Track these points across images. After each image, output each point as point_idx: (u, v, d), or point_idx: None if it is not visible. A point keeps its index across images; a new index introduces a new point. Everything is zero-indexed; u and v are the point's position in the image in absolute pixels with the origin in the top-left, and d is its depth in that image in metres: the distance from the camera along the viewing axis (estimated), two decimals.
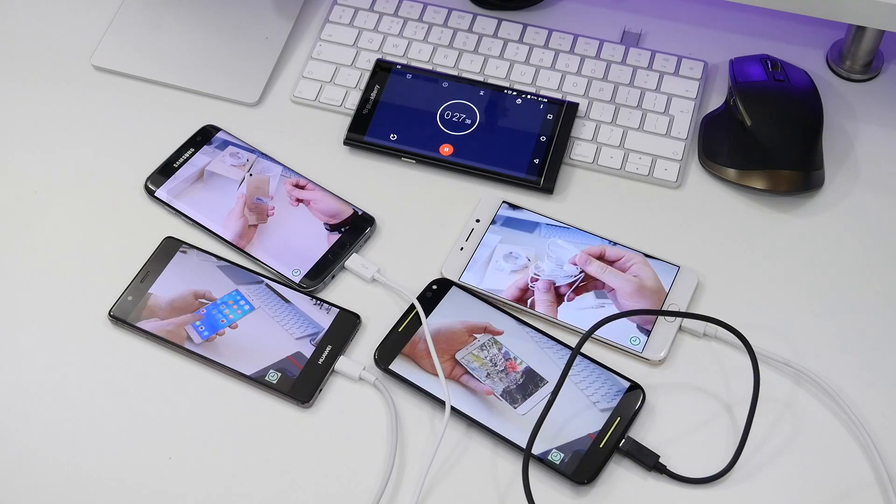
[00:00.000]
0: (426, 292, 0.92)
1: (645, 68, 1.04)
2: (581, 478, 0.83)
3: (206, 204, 0.97)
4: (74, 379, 0.89)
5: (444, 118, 1.01)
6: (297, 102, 1.04)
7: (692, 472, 0.84)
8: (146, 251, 0.94)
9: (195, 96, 1.04)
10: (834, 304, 0.92)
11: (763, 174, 0.96)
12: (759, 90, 0.99)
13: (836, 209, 0.97)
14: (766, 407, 0.87)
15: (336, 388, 0.88)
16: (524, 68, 1.05)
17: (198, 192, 0.97)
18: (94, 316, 0.91)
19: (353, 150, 1.01)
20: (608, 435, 0.84)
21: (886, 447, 0.85)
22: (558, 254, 0.93)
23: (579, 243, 0.94)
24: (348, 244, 0.95)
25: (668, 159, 0.99)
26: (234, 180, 0.98)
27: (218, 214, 0.96)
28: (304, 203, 0.96)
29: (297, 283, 0.92)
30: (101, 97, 1.04)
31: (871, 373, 0.89)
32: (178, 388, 0.88)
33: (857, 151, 1.01)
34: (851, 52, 1.04)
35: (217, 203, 0.97)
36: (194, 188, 0.97)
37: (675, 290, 0.92)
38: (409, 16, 1.08)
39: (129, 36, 1.07)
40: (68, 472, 0.84)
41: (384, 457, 0.85)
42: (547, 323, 0.91)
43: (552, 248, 0.93)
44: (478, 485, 0.84)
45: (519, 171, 0.98)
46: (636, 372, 0.88)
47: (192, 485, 0.84)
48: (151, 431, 0.86)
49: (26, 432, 0.86)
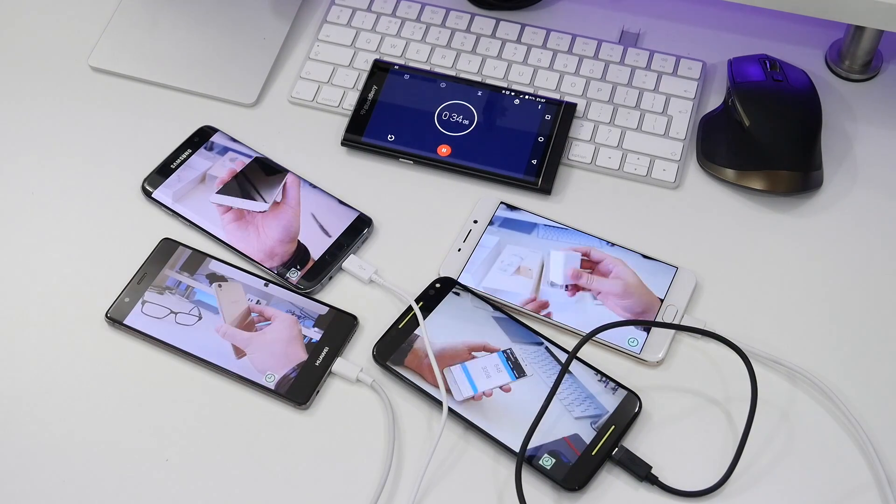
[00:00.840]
0: (429, 290, 0.91)
1: (643, 68, 1.04)
2: (571, 484, 0.83)
3: (203, 205, 0.96)
4: (71, 380, 0.88)
5: (442, 119, 1.01)
6: (294, 103, 1.04)
7: (686, 482, 0.83)
8: (143, 252, 0.94)
9: (192, 97, 1.04)
10: (833, 305, 0.92)
11: (762, 174, 0.96)
12: (757, 90, 0.99)
13: (835, 209, 0.97)
14: (764, 411, 0.86)
15: (333, 389, 0.88)
16: (522, 68, 1.04)
17: (195, 193, 0.97)
18: (90, 317, 0.91)
19: (350, 151, 1.01)
20: (601, 443, 0.84)
21: (885, 449, 0.85)
22: (553, 267, 0.93)
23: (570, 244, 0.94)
24: (346, 245, 0.94)
25: (666, 160, 0.99)
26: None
27: (215, 215, 0.96)
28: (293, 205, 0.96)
29: (293, 283, 0.92)
30: (98, 98, 1.04)
31: (870, 374, 0.88)
32: (174, 389, 0.88)
33: (855, 151, 1.00)
34: (850, 51, 1.04)
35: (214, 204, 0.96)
36: (191, 189, 0.97)
37: (673, 290, 0.92)
38: (406, 16, 1.08)
39: (126, 37, 1.07)
40: (65, 474, 0.84)
41: (381, 459, 0.85)
42: (546, 325, 0.91)
43: (547, 259, 0.93)
44: (474, 487, 0.84)
45: (517, 171, 0.98)
46: (634, 374, 0.88)
47: (190, 487, 0.84)
48: (148, 433, 0.86)
49: (23, 433, 0.86)
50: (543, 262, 0.93)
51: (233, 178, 0.97)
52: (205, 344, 0.89)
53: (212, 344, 0.89)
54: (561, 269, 0.92)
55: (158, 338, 0.89)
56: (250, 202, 0.96)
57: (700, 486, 0.83)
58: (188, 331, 0.89)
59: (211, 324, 0.90)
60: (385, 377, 0.88)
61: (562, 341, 0.89)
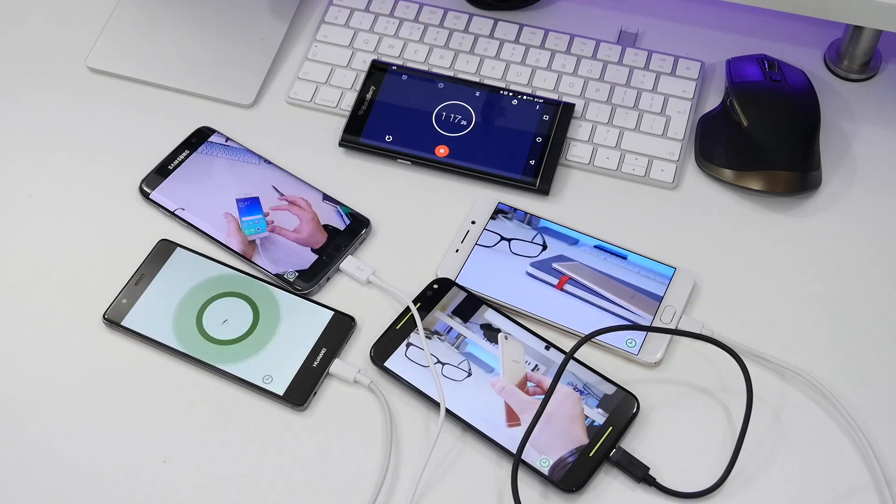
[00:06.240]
0: (426, 291, 0.91)
1: (641, 68, 1.04)
2: (569, 486, 0.82)
3: (200, 206, 0.96)
4: (68, 382, 0.88)
5: (440, 119, 1.00)
6: (292, 104, 1.04)
7: (684, 482, 0.83)
8: (141, 253, 0.94)
9: (190, 98, 1.04)
10: (832, 305, 0.92)
11: (760, 175, 0.96)
12: (755, 90, 0.98)
13: (834, 210, 0.97)
14: (762, 411, 0.86)
15: (331, 390, 0.88)
16: (520, 69, 1.04)
17: (192, 194, 0.97)
18: (88, 319, 0.91)
19: (348, 152, 1.01)
20: (599, 444, 0.84)
21: (884, 450, 0.84)
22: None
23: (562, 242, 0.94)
24: (343, 246, 0.94)
25: (664, 160, 0.99)
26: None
27: (212, 216, 0.96)
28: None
29: (291, 284, 0.92)
30: (95, 99, 1.04)
31: (868, 374, 0.88)
32: (172, 391, 0.88)
33: (854, 151, 1.00)
34: (849, 51, 1.03)
35: (211, 205, 0.96)
36: (189, 190, 0.97)
37: (671, 291, 0.91)
38: (404, 16, 1.08)
39: (123, 37, 1.07)
40: (62, 475, 0.84)
41: (379, 460, 0.85)
42: (544, 325, 0.90)
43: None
44: (471, 489, 0.84)
45: (515, 172, 0.98)
46: (631, 375, 0.88)
47: (187, 488, 0.84)
48: (145, 434, 0.86)
49: (20, 435, 0.86)
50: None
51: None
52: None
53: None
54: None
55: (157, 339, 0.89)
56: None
57: (698, 486, 0.83)
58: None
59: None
60: (383, 378, 0.88)
61: (561, 342, 0.89)
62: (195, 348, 0.89)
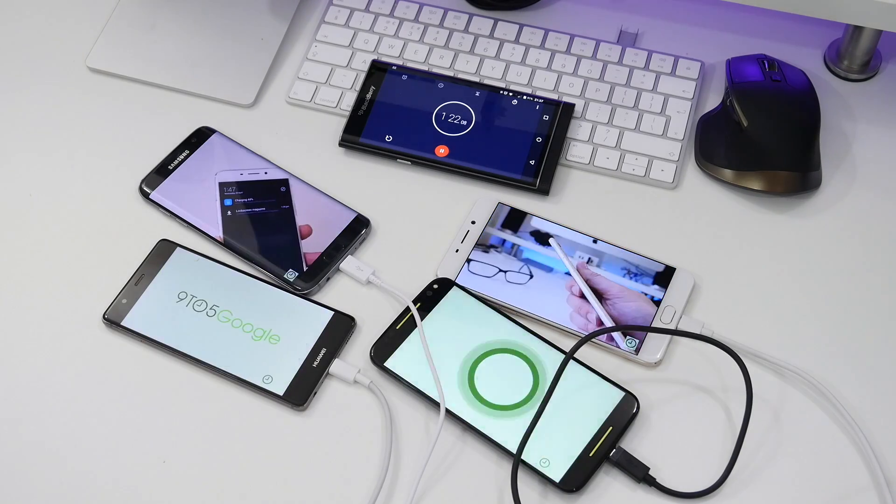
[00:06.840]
0: (426, 291, 0.91)
1: (641, 68, 1.04)
2: (569, 486, 0.82)
3: (200, 206, 0.96)
4: (68, 382, 0.88)
5: (440, 119, 1.00)
6: (292, 104, 1.04)
7: (684, 482, 0.83)
8: (141, 253, 0.94)
9: (190, 98, 1.04)
10: (831, 306, 0.92)
11: (760, 175, 0.96)
12: (755, 90, 0.98)
13: (834, 210, 0.97)
14: (762, 411, 0.86)
15: (331, 391, 0.88)
16: (520, 69, 1.04)
17: (192, 194, 0.97)
18: (88, 319, 0.91)
19: (348, 152, 1.01)
20: (599, 444, 0.84)
21: (884, 450, 0.84)
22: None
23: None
24: (343, 246, 0.94)
25: (664, 160, 0.99)
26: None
27: (213, 216, 0.96)
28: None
29: (291, 284, 0.92)
30: (95, 99, 1.04)
31: (868, 374, 0.88)
32: (172, 391, 0.88)
33: (854, 151, 1.00)
34: (849, 51, 1.03)
35: (211, 205, 0.96)
36: (188, 190, 0.97)
37: (671, 291, 0.92)
38: (404, 16, 1.08)
39: (123, 37, 1.07)
40: (62, 476, 0.84)
41: (379, 460, 0.85)
42: (545, 325, 0.90)
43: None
44: (471, 489, 0.84)
45: (515, 172, 0.98)
46: (631, 375, 0.88)
47: (186, 489, 0.84)
48: (145, 435, 0.86)
49: (20, 435, 0.86)
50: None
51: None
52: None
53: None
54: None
55: (157, 339, 0.89)
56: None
57: (698, 486, 0.83)
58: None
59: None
60: (382, 378, 0.88)
61: (561, 342, 0.89)
62: (196, 348, 0.89)
